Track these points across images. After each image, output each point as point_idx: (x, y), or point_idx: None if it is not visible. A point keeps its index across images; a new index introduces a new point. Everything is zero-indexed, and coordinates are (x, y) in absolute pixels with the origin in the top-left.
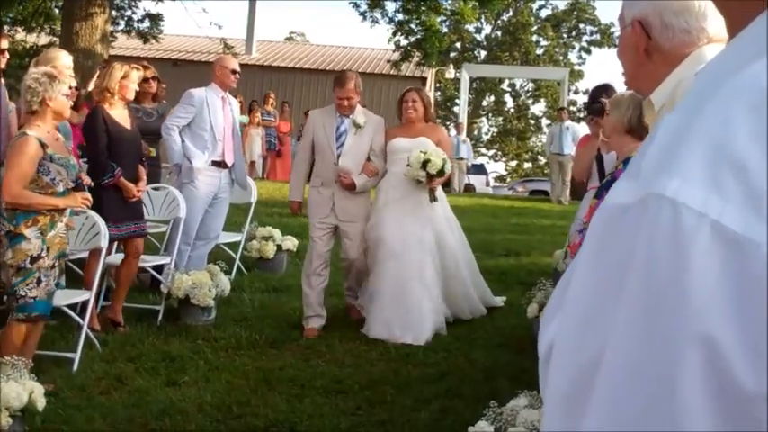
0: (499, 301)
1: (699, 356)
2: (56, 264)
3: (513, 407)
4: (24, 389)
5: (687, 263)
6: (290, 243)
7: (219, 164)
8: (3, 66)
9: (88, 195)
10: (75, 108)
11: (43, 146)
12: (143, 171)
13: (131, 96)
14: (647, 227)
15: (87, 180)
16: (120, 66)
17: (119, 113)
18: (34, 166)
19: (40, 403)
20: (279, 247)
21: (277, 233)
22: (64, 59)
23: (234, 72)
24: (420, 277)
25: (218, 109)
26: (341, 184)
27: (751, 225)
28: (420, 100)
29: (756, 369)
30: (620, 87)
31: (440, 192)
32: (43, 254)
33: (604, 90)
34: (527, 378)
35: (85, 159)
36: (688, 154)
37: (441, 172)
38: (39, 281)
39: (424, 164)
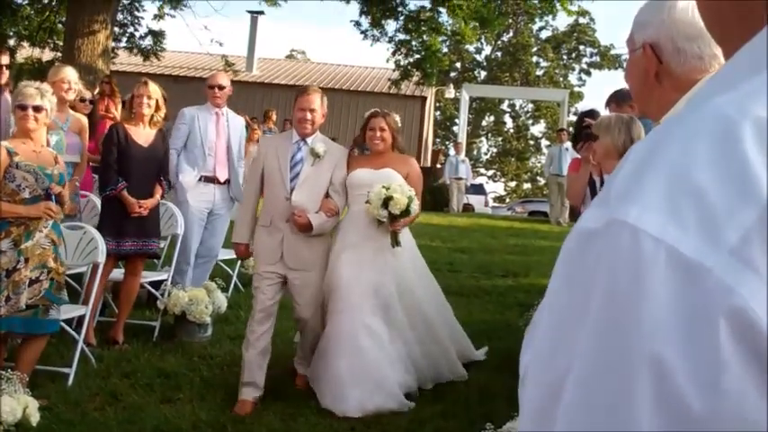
0: (481, 354)
1: (649, 377)
2: (42, 277)
3: (509, 429)
4: (18, 403)
5: (643, 287)
6: None
7: (211, 179)
8: (3, 81)
9: (52, 205)
10: (91, 121)
11: (11, 154)
12: (158, 189)
13: (145, 111)
14: (609, 251)
15: (57, 189)
16: (142, 83)
17: (139, 131)
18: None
19: (34, 418)
20: None
21: None
22: (61, 74)
23: (215, 87)
24: (375, 334)
25: (209, 125)
26: (294, 223)
27: (703, 251)
28: (388, 127)
29: (703, 392)
30: (604, 112)
31: (407, 235)
32: (20, 266)
33: (590, 115)
34: None
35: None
36: (650, 181)
37: (405, 212)
38: (8, 299)
39: (386, 201)
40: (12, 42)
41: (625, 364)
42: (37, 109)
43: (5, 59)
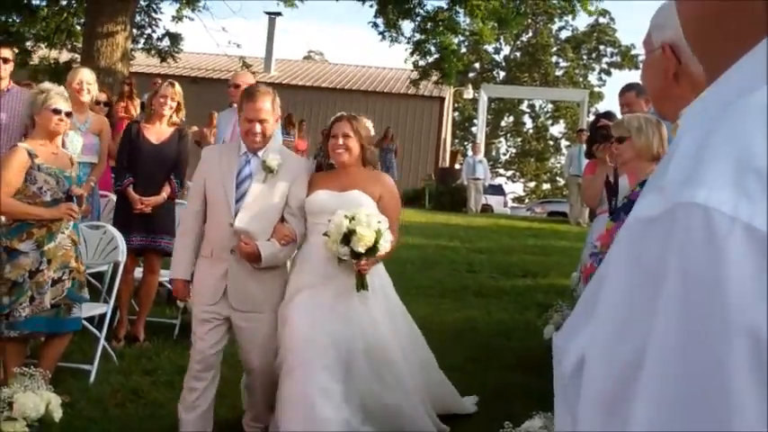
0: (471, 405)
1: (744, 348)
2: (64, 277)
3: (527, 428)
4: (41, 399)
5: (724, 263)
6: None
7: None
8: (3, 74)
9: (73, 206)
10: (109, 123)
11: (32, 156)
12: (166, 188)
13: (165, 112)
14: (679, 233)
15: (77, 191)
16: (168, 84)
17: (153, 128)
18: (20, 176)
19: (57, 414)
20: None
21: None
22: (78, 76)
23: (233, 86)
24: (334, 398)
25: (227, 125)
26: (239, 253)
27: None
28: (354, 133)
29: None
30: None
31: (379, 270)
32: (42, 267)
33: (606, 117)
34: (542, 399)
35: None
36: (712, 166)
37: (372, 249)
38: (32, 299)
39: (347, 235)
40: (29, 44)
41: (717, 337)
42: (69, 115)
43: (7, 54)
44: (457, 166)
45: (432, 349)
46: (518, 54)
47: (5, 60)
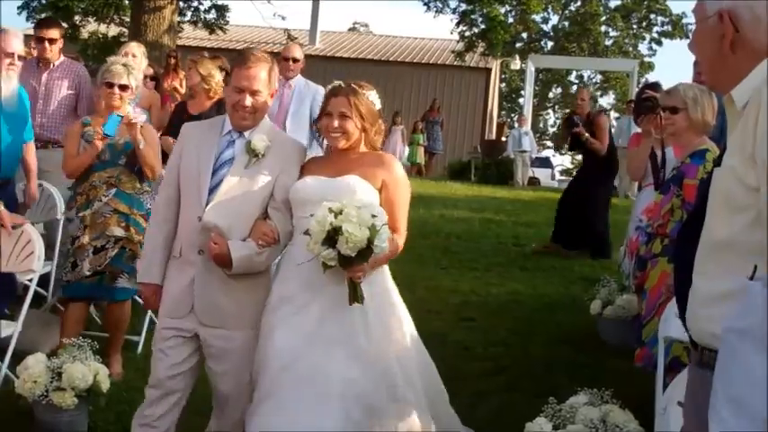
0: None
1: None
2: (107, 246)
3: (572, 404)
4: (90, 370)
5: None
6: None
7: None
8: (46, 55)
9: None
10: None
11: (84, 125)
12: None
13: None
14: None
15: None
16: (190, 61)
17: (193, 102)
18: (76, 144)
19: (105, 385)
20: None
21: None
22: (126, 49)
23: (285, 59)
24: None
25: (275, 98)
26: (209, 255)
27: None
28: (354, 111)
29: None
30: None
31: (383, 278)
32: (79, 233)
33: (652, 88)
34: (587, 375)
35: None
36: None
37: (363, 252)
38: (74, 265)
39: (331, 234)
40: (77, 18)
41: None
42: (123, 87)
43: (50, 34)
44: (503, 139)
45: (475, 323)
46: (566, 23)
47: (51, 41)
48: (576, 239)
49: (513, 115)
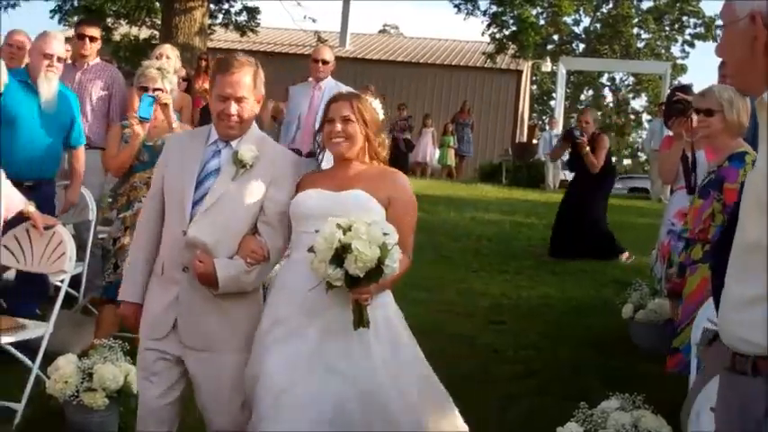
0: None
1: None
2: None
3: (603, 409)
4: (120, 371)
5: None
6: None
7: (296, 151)
8: (84, 52)
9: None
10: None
11: (123, 127)
12: None
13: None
14: None
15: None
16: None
17: None
18: (117, 146)
19: (135, 386)
20: None
21: None
22: (158, 52)
23: (315, 61)
24: None
25: (303, 99)
26: (194, 272)
27: None
28: (357, 116)
29: None
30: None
31: (387, 301)
32: (120, 234)
33: (683, 90)
34: (618, 379)
35: None
36: None
37: (375, 273)
38: (116, 266)
39: (339, 252)
40: (110, 21)
41: None
42: (157, 91)
43: (91, 32)
44: (534, 141)
45: (506, 326)
46: (598, 25)
47: (92, 39)
48: (578, 249)
49: (544, 117)
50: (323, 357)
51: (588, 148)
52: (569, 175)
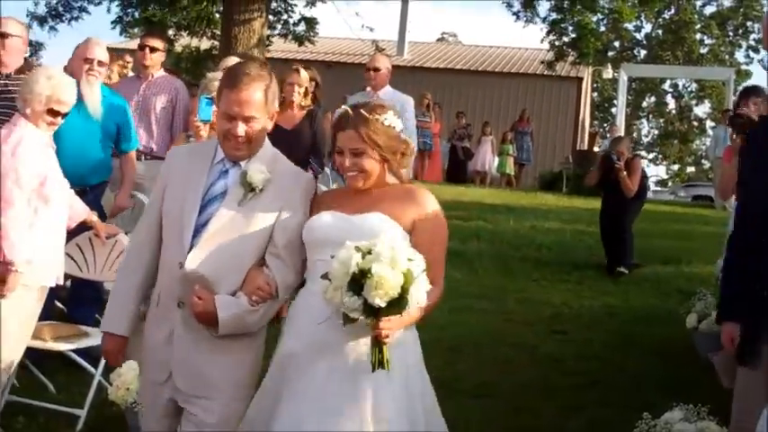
0: None
1: None
2: None
3: (667, 420)
4: None
5: None
6: None
7: None
8: (146, 62)
9: None
10: None
11: (188, 138)
12: (308, 171)
13: (294, 99)
14: None
15: None
16: (294, 71)
17: (285, 115)
18: None
19: None
20: None
21: None
22: (224, 63)
23: (369, 69)
24: None
25: None
26: (191, 310)
27: None
28: (371, 146)
29: None
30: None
31: (408, 340)
32: None
33: (752, 93)
34: (682, 390)
35: None
36: None
37: (398, 302)
38: None
39: (357, 279)
40: (171, 32)
41: None
42: None
43: (152, 42)
44: (596, 149)
45: (567, 336)
46: (660, 32)
47: (153, 49)
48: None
49: (605, 125)
50: (336, 404)
51: (625, 173)
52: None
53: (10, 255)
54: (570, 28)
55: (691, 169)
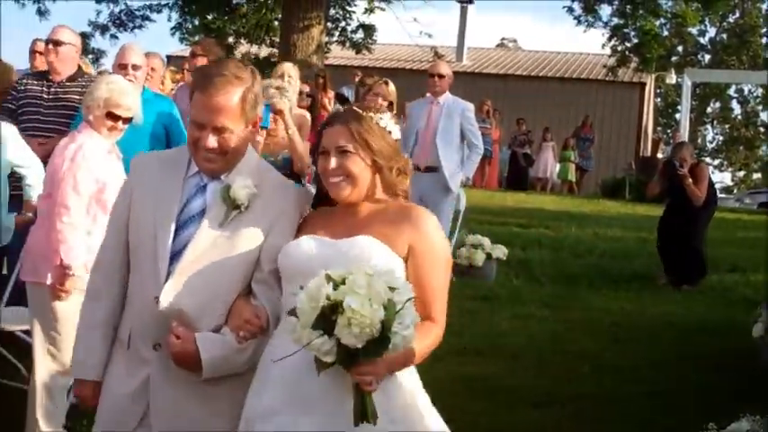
0: None
1: None
2: None
3: (733, 430)
4: None
5: None
6: (500, 252)
7: (414, 167)
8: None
9: None
10: (312, 115)
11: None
12: None
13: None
14: None
15: None
16: (383, 82)
17: None
18: None
19: None
20: (488, 256)
21: (486, 241)
22: (280, 70)
23: (433, 75)
24: None
25: (421, 113)
26: (168, 350)
27: None
28: (360, 143)
29: None
30: None
31: (404, 382)
32: None
33: None
34: (748, 400)
35: None
36: None
37: (376, 343)
38: None
39: (327, 313)
40: (231, 40)
41: None
42: (276, 110)
43: (200, 50)
44: (659, 155)
45: (629, 345)
46: (724, 36)
47: (201, 57)
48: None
49: (669, 131)
50: None
51: (690, 180)
52: None
53: (67, 259)
54: (632, 33)
55: (757, 176)
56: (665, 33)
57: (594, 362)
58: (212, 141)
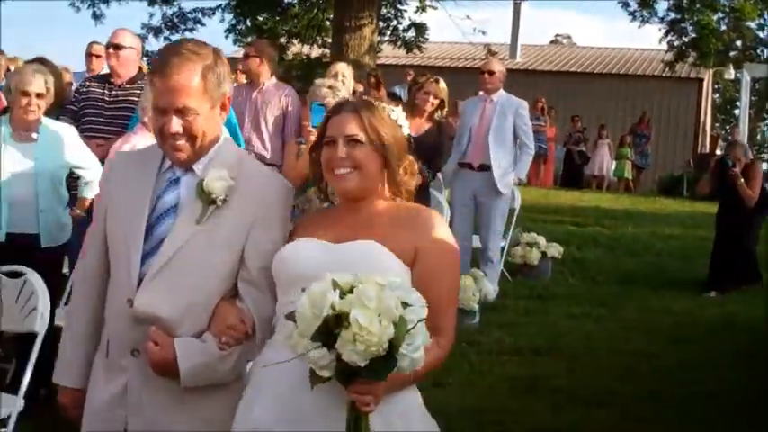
0: None
1: None
2: None
3: None
4: None
5: None
6: (555, 250)
7: (467, 165)
8: (249, 68)
9: None
10: None
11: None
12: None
13: (427, 108)
14: None
15: None
16: (433, 81)
17: (414, 123)
18: (294, 161)
19: None
20: (543, 254)
21: (542, 240)
22: (334, 69)
23: (484, 72)
24: None
25: (474, 111)
26: (147, 359)
27: None
28: (370, 136)
29: None
30: None
31: (407, 406)
32: None
33: None
34: None
35: None
36: None
37: (380, 363)
38: None
39: (330, 324)
40: (282, 40)
41: None
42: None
43: (251, 51)
44: (718, 152)
45: (688, 346)
46: None
47: (252, 57)
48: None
49: (727, 128)
50: None
51: (742, 180)
52: None
53: None
54: (689, 28)
55: None
56: (723, 28)
57: (652, 362)
58: (176, 125)
